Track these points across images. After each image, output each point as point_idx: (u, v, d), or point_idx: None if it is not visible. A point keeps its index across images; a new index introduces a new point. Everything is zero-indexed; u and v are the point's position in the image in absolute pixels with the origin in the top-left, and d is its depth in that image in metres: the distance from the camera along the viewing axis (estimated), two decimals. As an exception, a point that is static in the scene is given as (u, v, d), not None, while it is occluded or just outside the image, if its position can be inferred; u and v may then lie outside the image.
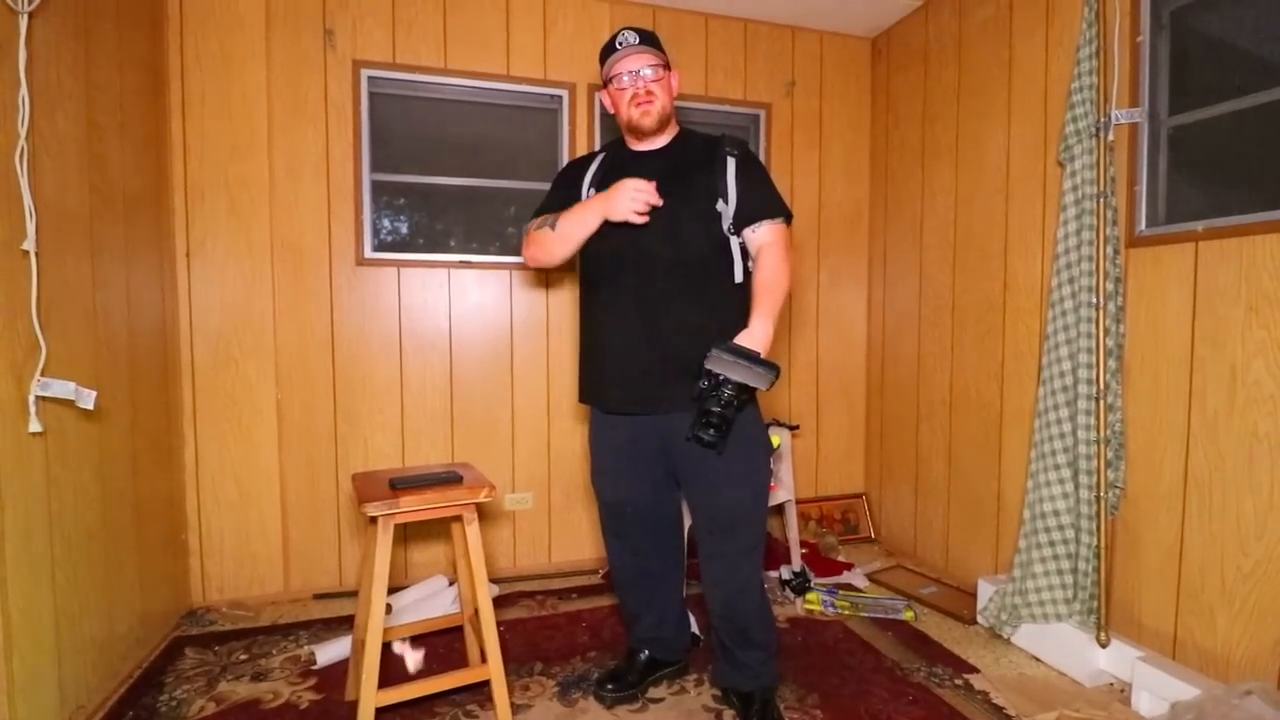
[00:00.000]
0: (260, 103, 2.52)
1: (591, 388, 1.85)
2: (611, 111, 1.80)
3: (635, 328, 1.71)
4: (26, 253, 1.53)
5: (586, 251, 1.82)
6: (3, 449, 1.46)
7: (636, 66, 1.71)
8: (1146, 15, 2.03)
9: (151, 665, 2.11)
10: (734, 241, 1.73)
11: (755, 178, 1.75)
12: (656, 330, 1.70)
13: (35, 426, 1.54)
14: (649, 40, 1.73)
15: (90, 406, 1.68)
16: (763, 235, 1.70)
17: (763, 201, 1.72)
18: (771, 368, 1.52)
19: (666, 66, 1.76)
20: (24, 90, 1.51)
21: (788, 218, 1.75)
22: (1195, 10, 1.98)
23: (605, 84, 1.78)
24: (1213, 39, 1.97)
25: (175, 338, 2.45)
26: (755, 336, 1.57)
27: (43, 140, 1.62)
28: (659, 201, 1.66)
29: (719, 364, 1.51)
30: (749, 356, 1.52)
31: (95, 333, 1.87)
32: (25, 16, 1.52)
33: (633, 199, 1.64)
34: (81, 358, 1.78)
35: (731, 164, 1.73)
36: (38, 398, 1.55)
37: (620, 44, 1.72)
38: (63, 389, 1.60)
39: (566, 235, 1.73)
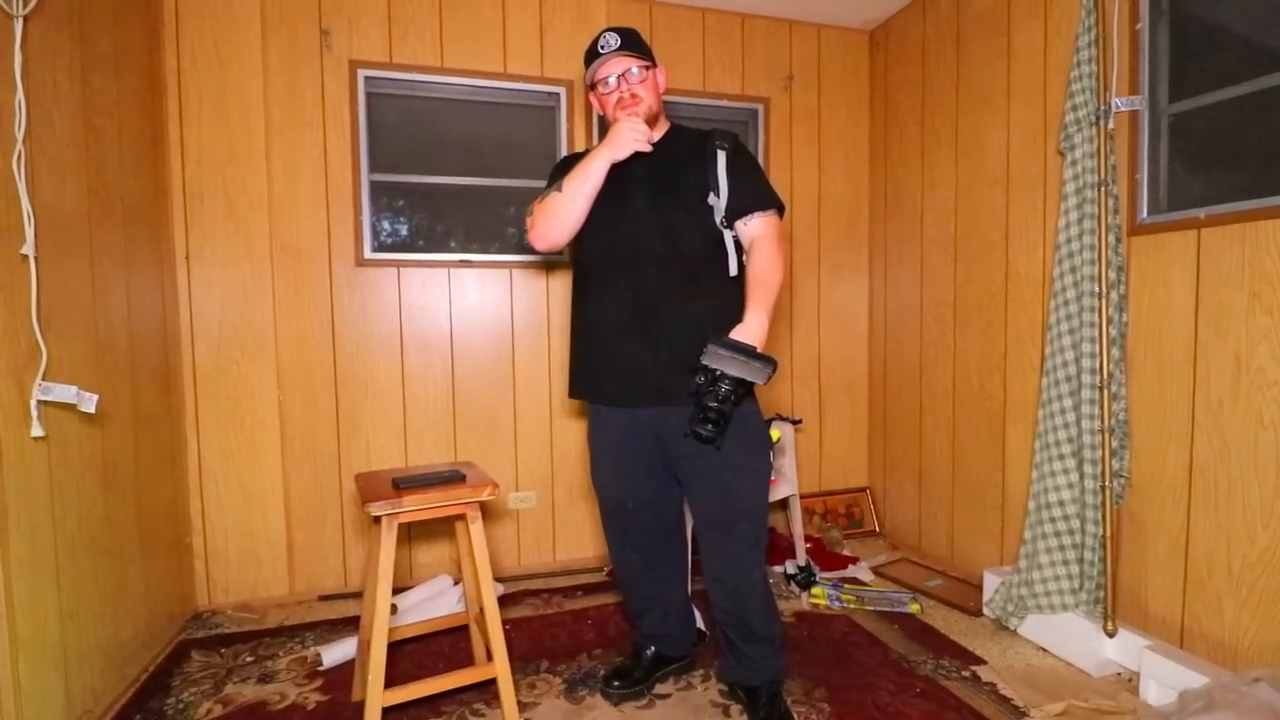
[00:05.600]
0: (257, 104, 2.52)
1: (585, 381, 1.85)
2: (601, 113, 1.81)
3: (630, 323, 1.71)
4: (26, 257, 1.53)
5: (580, 248, 1.82)
6: (5, 454, 1.45)
7: (620, 70, 1.72)
8: (1145, 2, 2.03)
9: (158, 669, 2.11)
10: (727, 235, 1.72)
11: (746, 170, 1.74)
12: (651, 325, 1.69)
13: (37, 431, 1.54)
14: (631, 42, 1.73)
15: (92, 410, 1.68)
16: (755, 228, 1.70)
17: (754, 194, 1.72)
18: (768, 361, 1.51)
19: (651, 66, 1.76)
20: (20, 94, 1.51)
21: (780, 209, 1.74)
22: (1194, -4, 1.98)
23: (591, 87, 1.78)
24: (1212, 25, 1.96)
25: (176, 340, 2.44)
26: (750, 330, 1.56)
27: (40, 144, 1.61)
28: (653, 142, 1.73)
29: (715, 359, 1.50)
30: (745, 351, 1.51)
31: (96, 336, 1.87)
32: (20, 20, 1.52)
33: (634, 135, 1.67)
34: (82, 362, 1.78)
35: (722, 157, 1.72)
36: (39, 402, 1.55)
37: (602, 48, 1.72)
38: (64, 393, 1.59)
39: (575, 191, 1.71)
